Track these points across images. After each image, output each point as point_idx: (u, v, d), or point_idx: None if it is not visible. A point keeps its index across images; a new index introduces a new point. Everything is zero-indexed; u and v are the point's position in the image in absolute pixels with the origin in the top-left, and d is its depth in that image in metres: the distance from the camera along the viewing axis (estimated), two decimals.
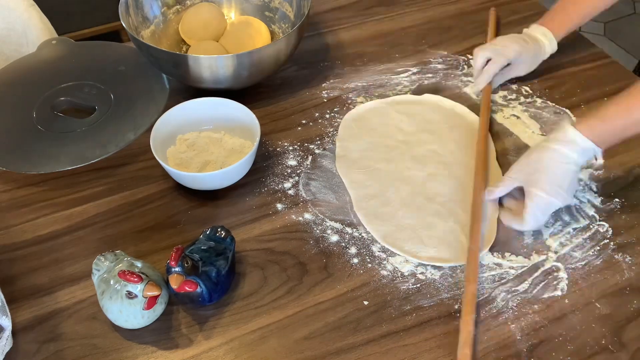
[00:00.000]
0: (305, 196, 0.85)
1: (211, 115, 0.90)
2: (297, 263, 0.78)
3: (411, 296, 0.74)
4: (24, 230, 0.82)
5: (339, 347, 0.70)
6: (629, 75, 1.04)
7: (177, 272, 0.67)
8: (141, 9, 1.01)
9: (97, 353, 0.69)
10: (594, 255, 0.78)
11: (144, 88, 0.96)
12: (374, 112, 0.97)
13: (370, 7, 1.19)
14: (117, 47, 1.05)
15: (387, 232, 0.80)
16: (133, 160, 0.90)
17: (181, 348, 0.70)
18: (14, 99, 0.96)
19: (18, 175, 0.87)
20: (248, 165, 0.85)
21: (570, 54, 1.04)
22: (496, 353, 0.69)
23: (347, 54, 1.08)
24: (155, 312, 0.69)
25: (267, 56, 0.92)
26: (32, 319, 0.72)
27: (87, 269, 0.75)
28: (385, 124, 0.95)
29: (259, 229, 0.81)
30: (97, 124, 0.91)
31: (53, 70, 1.00)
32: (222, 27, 1.07)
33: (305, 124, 0.96)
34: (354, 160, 0.89)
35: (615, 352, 0.69)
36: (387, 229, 0.80)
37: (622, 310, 0.73)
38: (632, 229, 0.81)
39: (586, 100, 0.99)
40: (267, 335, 0.71)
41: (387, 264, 0.77)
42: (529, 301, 0.74)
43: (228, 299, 0.74)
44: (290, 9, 1.06)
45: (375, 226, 0.81)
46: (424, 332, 0.71)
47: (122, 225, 0.82)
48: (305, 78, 1.04)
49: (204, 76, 0.91)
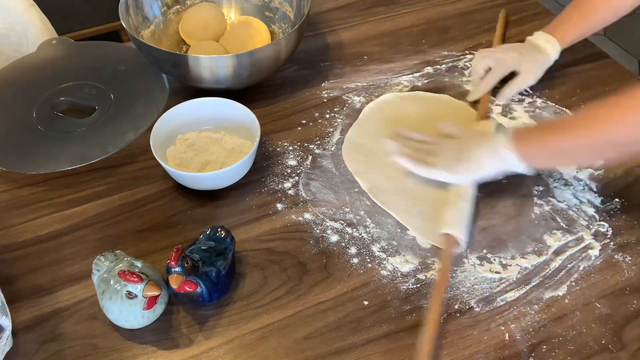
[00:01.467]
0: (305, 196, 0.85)
1: (211, 115, 0.90)
2: (297, 263, 0.78)
3: (411, 296, 0.74)
4: (24, 230, 0.82)
5: (339, 347, 0.70)
6: (629, 75, 1.04)
7: (177, 272, 0.67)
8: (141, 9, 1.01)
9: (97, 353, 0.69)
10: (594, 255, 0.78)
11: (144, 88, 0.96)
12: (390, 105, 0.98)
13: (370, 7, 1.19)
14: (117, 47, 1.05)
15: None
16: (133, 160, 0.90)
17: (181, 348, 0.70)
18: (14, 99, 0.96)
19: (18, 175, 0.87)
20: (248, 165, 0.85)
21: (570, 54, 1.04)
22: (496, 353, 0.69)
23: (347, 54, 1.08)
24: (155, 312, 0.69)
25: (267, 56, 0.92)
26: (32, 319, 0.72)
27: (87, 269, 0.75)
28: (400, 117, 0.96)
29: (259, 229, 0.81)
30: (97, 124, 0.91)
31: (53, 70, 1.00)
32: (222, 27, 1.07)
33: (305, 124, 0.96)
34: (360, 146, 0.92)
35: (615, 352, 0.69)
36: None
37: (622, 310, 0.73)
38: (632, 229, 0.81)
39: (586, 100, 0.99)
40: (267, 335, 0.71)
41: (387, 264, 0.77)
42: (529, 301, 0.74)
43: (228, 299, 0.74)
44: (290, 9, 1.06)
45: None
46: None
47: (122, 225, 0.82)
48: (305, 78, 1.04)
49: (204, 76, 0.91)
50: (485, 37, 1.10)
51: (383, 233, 0.81)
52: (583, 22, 0.96)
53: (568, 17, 0.97)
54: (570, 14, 0.97)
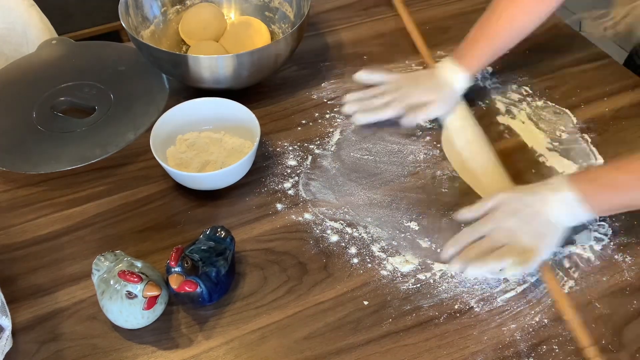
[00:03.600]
0: (305, 196, 0.85)
1: (211, 115, 0.89)
2: (297, 263, 0.78)
3: (411, 296, 0.74)
4: (24, 230, 0.81)
5: (339, 347, 0.70)
6: (629, 75, 1.03)
7: (177, 272, 0.67)
8: (141, 9, 1.01)
9: (97, 353, 0.69)
10: (593, 255, 0.78)
11: (144, 88, 0.96)
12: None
13: (370, 7, 1.19)
14: (117, 47, 1.05)
15: None
16: (133, 160, 0.90)
17: (181, 348, 0.70)
18: (14, 99, 0.96)
19: (18, 175, 0.87)
20: (248, 165, 0.85)
21: (570, 54, 1.04)
22: (496, 353, 0.69)
23: (347, 54, 1.08)
24: (155, 312, 0.69)
25: (267, 56, 0.92)
26: (32, 319, 0.72)
27: (87, 269, 0.75)
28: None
29: (259, 229, 0.81)
30: (97, 124, 0.91)
31: (53, 70, 1.00)
32: (222, 27, 1.07)
33: (305, 124, 0.96)
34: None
35: (615, 352, 0.69)
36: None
37: (622, 310, 0.73)
38: (632, 229, 0.81)
39: (586, 100, 0.99)
40: (267, 335, 0.71)
41: (387, 264, 0.77)
42: (529, 301, 0.74)
43: (228, 299, 0.74)
44: (290, 9, 1.06)
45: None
46: (424, 332, 0.71)
47: (122, 225, 0.82)
48: (305, 78, 1.04)
49: (204, 76, 0.91)
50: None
51: (383, 233, 0.81)
52: (489, 46, 0.93)
53: (475, 43, 0.93)
54: (477, 39, 0.93)
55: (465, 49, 0.94)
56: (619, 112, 0.97)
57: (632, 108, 0.97)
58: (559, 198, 0.74)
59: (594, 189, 0.74)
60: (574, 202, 0.73)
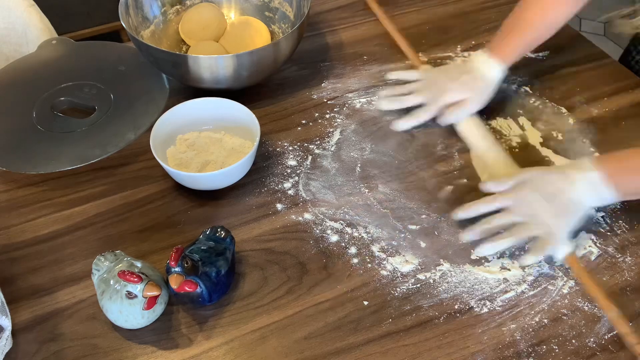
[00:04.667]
0: (305, 196, 0.85)
1: (211, 115, 0.90)
2: (297, 263, 0.78)
3: (411, 296, 0.74)
4: (24, 230, 0.82)
5: (339, 347, 0.70)
6: (629, 75, 1.04)
7: (177, 272, 0.67)
8: (141, 9, 1.01)
9: (97, 353, 0.69)
10: (594, 255, 0.78)
11: (144, 88, 0.96)
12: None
13: (370, 7, 1.19)
14: (117, 47, 1.05)
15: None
16: (133, 160, 0.90)
17: (181, 348, 0.70)
18: (14, 99, 0.96)
19: (18, 175, 0.87)
20: (248, 165, 0.85)
21: (570, 54, 1.04)
22: (496, 353, 0.69)
23: (347, 54, 1.08)
24: (155, 312, 0.69)
25: (267, 56, 0.92)
26: (32, 319, 0.72)
27: (87, 269, 0.75)
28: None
29: (259, 229, 0.81)
30: (97, 124, 0.91)
31: (53, 70, 1.00)
32: (222, 27, 1.07)
33: (305, 124, 0.96)
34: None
35: (615, 352, 0.69)
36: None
37: (622, 310, 0.73)
38: (632, 229, 0.81)
39: (586, 100, 0.99)
40: (267, 335, 0.71)
41: (387, 264, 0.77)
42: (529, 301, 0.74)
43: (228, 299, 0.74)
44: (290, 9, 1.06)
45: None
46: (424, 332, 0.71)
47: (122, 225, 0.82)
48: (305, 78, 1.04)
49: (204, 76, 0.91)
50: (485, 37, 1.10)
51: (383, 233, 0.81)
52: (522, 39, 0.93)
53: (508, 35, 0.93)
54: (510, 31, 0.93)
55: (498, 41, 0.94)
56: (618, 112, 0.97)
57: (632, 108, 0.97)
58: (585, 177, 0.74)
59: (621, 171, 0.74)
60: (600, 183, 0.73)
